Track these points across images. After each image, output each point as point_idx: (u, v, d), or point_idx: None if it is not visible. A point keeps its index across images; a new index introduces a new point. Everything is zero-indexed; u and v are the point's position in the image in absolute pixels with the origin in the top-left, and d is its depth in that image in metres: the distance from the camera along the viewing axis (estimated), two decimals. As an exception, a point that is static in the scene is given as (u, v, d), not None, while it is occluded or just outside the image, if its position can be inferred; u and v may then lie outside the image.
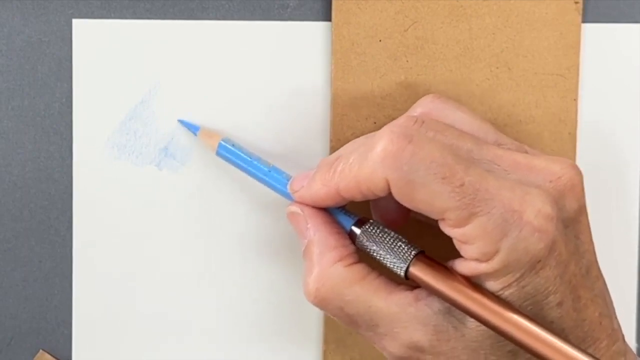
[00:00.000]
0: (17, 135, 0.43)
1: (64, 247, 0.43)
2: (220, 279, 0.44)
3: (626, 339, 0.39)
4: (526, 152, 0.38)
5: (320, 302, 0.38)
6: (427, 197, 0.35)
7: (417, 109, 0.40)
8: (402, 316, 0.37)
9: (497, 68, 0.44)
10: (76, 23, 0.42)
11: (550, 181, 0.36)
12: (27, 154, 0.43)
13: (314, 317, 0.44)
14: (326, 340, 0.44)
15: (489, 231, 0.35)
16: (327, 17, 0.43)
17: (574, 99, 0.44)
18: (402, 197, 0.36)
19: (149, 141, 0.43)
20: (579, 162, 0.45)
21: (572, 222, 0.37)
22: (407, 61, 0.43)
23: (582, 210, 0.37)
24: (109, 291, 0.43)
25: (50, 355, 0.44)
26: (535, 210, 0.35)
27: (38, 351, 0.44)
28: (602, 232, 0.46)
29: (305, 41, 0.43)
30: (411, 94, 0.43)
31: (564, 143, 0.44)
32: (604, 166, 0.45)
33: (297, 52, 0.43)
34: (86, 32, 0.42)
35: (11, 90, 0.42)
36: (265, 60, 0.43)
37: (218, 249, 0.44)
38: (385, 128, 0.36)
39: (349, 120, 0.43)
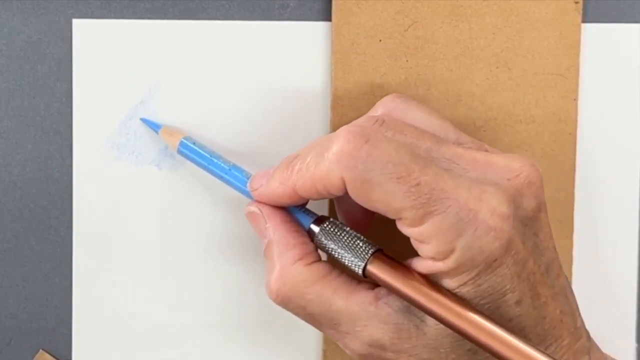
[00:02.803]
0: (17, 135, 0.43)
1: (64, 247, 0.43)
2: (221, 278, 0.44)
3: (626, 339, 0.39)
4: (486, 151, 0.38)
5: (282, 302, 0.38)
6: (382, 196, 0.35)
7: (379, 109, 0.40)
8: (363, 315, 0.37)
9: (497, 68, 0.44)
10: (76, 23, 0.42)
11: (508, 179, 0.37)
12: (27, 154, 0.43)
13: (314, 317, 0.44)
14: (326, 341, 0.44)
15: (444, 230, 0.35)
16: (327, 17, 0.43)
17: (574, 99, 0.44)
18: (358, 196, 0.36)
19: (148, 141, 0.43)
20: (579, 162, 0.45)
21: (530, 220, 0.37)
22: (407, 61, 0.43)
23: (540, 207, 0.37)
24: (109, 291, 0.43)
25: (50, 355, 0.44)
26: (491, 209, 0.35)
27: (38, 351, 0.44)
28: (602, 232, 0.46)
29: (305, 41, 0.43)
30: (411, 94, 0.43)
31: (564, 143, 0.44)
32: (604, 166, 0.45)
33: (297, 52, 0.43)
34: (86, 32, 0.42)
35: (11, 90, 0.42)
36: (265, 60, 0.43)
37: (219, 248, 0.44)
38: (343, 127, 0.36)
39: (349, 120, 0.43)
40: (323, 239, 0.38)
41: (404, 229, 0.36)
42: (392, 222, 0.36)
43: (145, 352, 0.44)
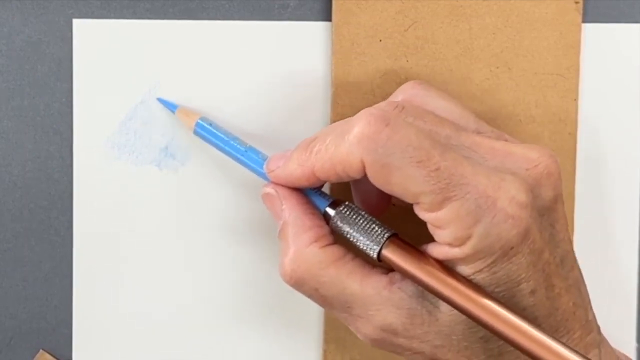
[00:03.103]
0: (17, 135, 0.43)
1: (64, 247, 0.43)
2: (221, 278, 0.44)
3: (626, 339, 0.39)
4: (506, 140, 0.38)
5: (296, 283, 0.38)
6: (402, 180, 0.35)
7: (399, 95, 0.40)
8: (376, 299, 0.37)
9: (497, 68, 0.44)
10: (76, 23, 0.42)
11: (527, 169, 0.37)
12: (27, 154, 0.43)
13: (314, 317, 0.44)
14: (326, 340, 0.44)
15: (462, 216, 0.35)
16: (327, 17, 0.43)
17: (574, 99, 0.44)
18: (377, 179, 0.36)
19: (149, 141, 0.43)
20: (578, 162, 0.45)
21: (547, 210, 0.37)
22: (407, 61, 0.43)
23: (558, 198, 0.37)
24: (109, 291, 0.43)
25: (50, 355, 0.44)
26: (509, 197, 0.35)
27: (38, 351, 0.44)
28: (602, 232, 0.46)
29: (305, 41, 0.43)
30: (411, 94, 0.43)
31: (564, 143, 0.44)
32: (604, 166, 0.45)
33: (297, 52, 0.43)
34: (86, 32, 0.42)
35: (11, 90, 0.42)
36: (265, 60, 0.43)
37: (219, 248, 0.44)
38: (364, 111, 0.36)
39: (349, 120, 0.43)
40: (339, 222, 0.38)
41: (422, 213, 0.36)
42: (408, 207, 0.36)
43: (145, 351, 0.44)
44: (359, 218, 0.38)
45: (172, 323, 0.44)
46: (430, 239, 0.37)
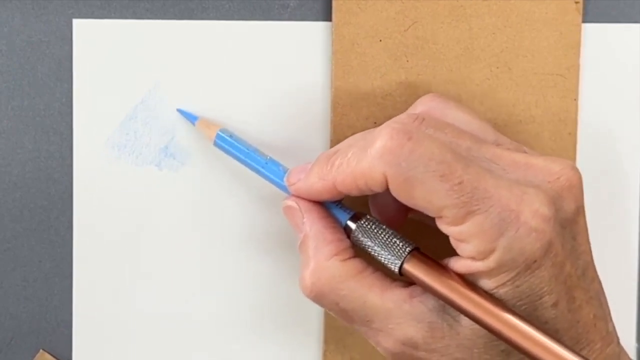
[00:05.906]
0: (17, 135, 0.43)
1: (64, 247, 0.43)
2: (220, 278, 0.44)
3: (626, 339, 0.39)
4: (525, 152, 0.38)
5: (316, 297, 0.38)
6: (425, 194, 0.35)
7: (418, 107, 0.40)
8: (397, 312, 0.37)
9: (497, 68, 0.44)
10: (76, 23, 0.42)
11: (549, 181, 0.37)
12: (27, 154, 0.43)
13: (314, 317, 0.44)
14: (326, 340, 0.44)
15: (486, 230, 0.35)
16: (327, 17, 0.43)
17: (574, 99, 0.44)
18: (399, 193, 0.36)
19: (149, 141, 0.43)
20: (579, 162, 0.45)
21: (569, 222, 0.37)
22: (407, 61, 0.43)
23: (579, 211, 0.37)
24: (109, 291, 0.43)
25: (50, 355, 0.44)
26: (533, 211, 0.35)
27: (38, 351, 0.44)
28: (602, 232, 0.46)
29: (305, 41, 0.43)
30: (411, 94, 0.43)
31: (564, 143, 0.44)
32: (604, 166, 0.45)
33: (297, 52, 0.43)
34: (86, 32, 0.42)
35: (11, 90, 0.42)
36: (265, 60, 0.43)
37: (218, 248, 0.44)
38: (385, 124, 0.36)
39: (349, 120, 0.43)
40: (360, 235, 0.38)
41: (444, 227, 0.36)
42: (425, 220, 0.36)
43: (145, 352, 0.44)
44: (380, 231, 0.38)
45: (171, 323, 0.44)
46: (448, 252, 0.36)
